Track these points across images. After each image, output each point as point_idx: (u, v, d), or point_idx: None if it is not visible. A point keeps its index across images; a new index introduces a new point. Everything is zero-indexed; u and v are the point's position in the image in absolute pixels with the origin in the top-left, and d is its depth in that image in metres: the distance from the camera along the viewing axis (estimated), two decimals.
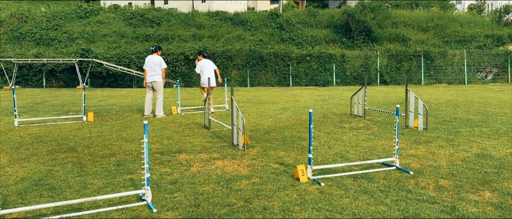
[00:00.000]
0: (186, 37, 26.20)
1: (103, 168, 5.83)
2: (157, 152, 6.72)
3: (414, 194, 4.63)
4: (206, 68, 11.33)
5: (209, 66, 11.38)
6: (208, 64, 11.40)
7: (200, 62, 11.48)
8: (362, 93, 10.28)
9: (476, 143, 7.10)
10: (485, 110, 11.30)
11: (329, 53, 24.01)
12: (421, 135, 7.87)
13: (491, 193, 4.65)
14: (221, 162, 6.05)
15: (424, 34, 26.05)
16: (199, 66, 11.42)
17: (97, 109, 12.21)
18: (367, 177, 5.27)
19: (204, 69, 11.33)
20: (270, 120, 9.91)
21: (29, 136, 8.14)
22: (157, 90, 10.61)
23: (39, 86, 23.50)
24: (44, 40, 25.95)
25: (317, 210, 4.18)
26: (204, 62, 11.39)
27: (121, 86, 23.44)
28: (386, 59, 24.11)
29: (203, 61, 11.44)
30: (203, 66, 11.35)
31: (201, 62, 11.43)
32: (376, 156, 6.30)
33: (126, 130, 8.74)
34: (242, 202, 4.42)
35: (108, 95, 16.97)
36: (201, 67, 11.37)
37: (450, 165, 5.77)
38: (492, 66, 24.22)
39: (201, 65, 11.39)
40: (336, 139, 7.65)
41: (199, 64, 11.45)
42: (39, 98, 15.85)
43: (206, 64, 11.38)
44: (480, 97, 14.67)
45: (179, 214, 4.11)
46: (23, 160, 6.30)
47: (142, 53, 23.71)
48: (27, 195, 4.71)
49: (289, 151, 6.70)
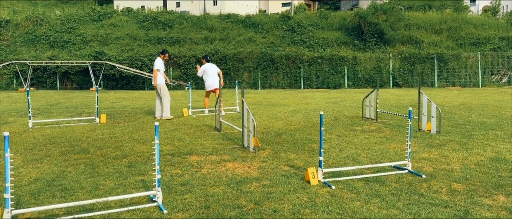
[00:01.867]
0: (198, 39, 26.34)
1: (115, 169, 5.87)
2: (168, 153, 6.75)
3: (427, 198, 4.57)
4: (210, 72, 11.34)
5: (212, 70, 11.39)
6: (211, 67, 11.41)
7: (203, 66, 11.49)
8: (374, 95, 10.20)
9: (490, 147, 6.99)
10: (500, 113, 11.13)
11: (341, 56, 23.91)
12: (434, 138, 7.78)
13: (506, 198, 4.57)
14: (231, 164, 6.06)
15: (438, 37, 25.77)
16: (201, 70, 11.42)
17: (109, 111, 12.33)
18: (378, 180, 5.22)
19: (208, 72, 11.33)
20: (281, 122, 9.89)
21: (43, 137, 8.25)
22: (158, 92, 10.71)
23: (53, 88, 23.82)
24: (58, 43, 26.33)
25: (328, 213, 4.16)
26: (208, 66, 11.39)
27: (134, 88, 23.65)
28: (399, 61, 23.91)
29: (207, 65, 11.44)
30: (206, 70, 11.35)
31: (204, 66, 11.44)
32: (388, 159, 6.25)
33: (138, 132, 8.80)
34: (252, 205, 4.42)
35: (120, 97, 17.12)
36: (203, 71, 11.38)
37: (463, 169, 5.69)
38: (507, 69, 23.85)
39: (203, 69, 11.39)
40: (347, 141, 7.60)
41: (201, 69, 11.45)
42: (53, 100, 16.07)
43: (210, 67, 11.38)
44: (494, 100, 14.45)
45: (189, 216, 4.12)
46: (37, 161, 6.39)
47: (154, 56, 23.87)
48: (40, 196, 4.76)
49: (300, 154, 6.67)
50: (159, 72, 10.61)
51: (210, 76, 11.34)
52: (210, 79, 11.35)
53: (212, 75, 11.36)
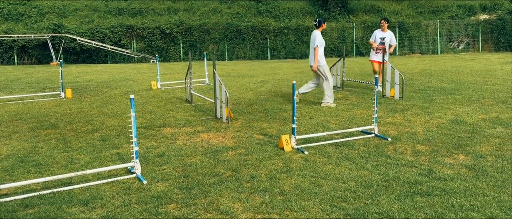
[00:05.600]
0: (161, 10, 25.68)
1: (88, 143, 5.84)
2: (141, 126, 6.75)
3: (393, 159, 4.87)
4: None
5: None
6: None
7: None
8: (340, 64, 10.46)
9: (450, 110, 7.41)
10: (458, 78, 11.70)
11: (306, 26, 24.06)
12: (398, 104, 8.14)
13: (465, 156, 4.93)
14: (206, 135, 6.15)
15: (399, 5, 26.33)
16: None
17: (74, 85, 12.03)
18: (348, 145, 5.48)
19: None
20: (251, 93, 10.01)
21: (8, 114, 8.01)
22: (322, 74, 8.32)
23: (10, 63, 22.78)
24: (13, 16, 24.99)
25: (303, 177, 4.36)
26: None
27: (96, 62, 22.98)
28: (362, 30, 24.35)
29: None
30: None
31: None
32: (356, 125, 6.52)
33: (106, 106, 8.69)
34: (230, 172, 4.56)
35: (83, 72, 16.65)
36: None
37: (426, 131, 6.04)
38: (464, 36, 24.82)
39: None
40: (316, 109, 7.83)
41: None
42: (12, 75, 15.44)
43: None
44: (452, 66, 15.12)
45: (169, 185, 4.22)
46: (5, 137, 6.24)
47: (116, 27, 23.19)
48: (14, 172, 4.71)
49: (272, 122, 6.84)
50: (320, 49, 8.43)
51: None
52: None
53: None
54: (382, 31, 9.81)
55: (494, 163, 4.67)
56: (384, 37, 9.73)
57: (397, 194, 3.86)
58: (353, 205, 3.65)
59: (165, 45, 23.60)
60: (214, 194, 3.97)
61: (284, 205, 3.69)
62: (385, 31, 9.78)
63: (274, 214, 3.53)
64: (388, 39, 9.71)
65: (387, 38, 9.71)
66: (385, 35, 9.74)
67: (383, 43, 9.70)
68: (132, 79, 13.55)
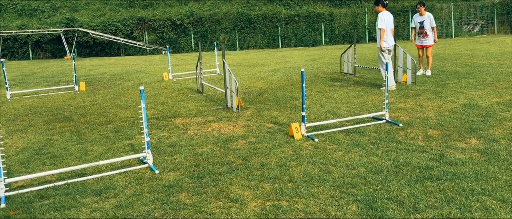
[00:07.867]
0: (171, 2, 25.73)
1: (101, 135, 5.94)
2: (153, 117, 6.83)
3: (404, 145, 4.84)
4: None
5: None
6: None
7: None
8: (351, 51, 10.37)
9: (463, 94, 7.31)
10: (472, 61, 11.50)
11: (317, 13, 23.85)
12: (410, 89, 8.06)
13: (477, 140, 4.88)
14: (217, 124, 6.19)
15: None
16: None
17: (87, 79, 12.18)
18: (358, 131, 5.46)
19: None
20: (261, 82, 10.01)
21: (23, 108, 8.17)
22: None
23: (25, 58, 23.15)
24: (26, 11, 25.34)
25: (312, 164, 4.38)
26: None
27: (109, 55, 23.20)
28: (374, 16, 24.00)
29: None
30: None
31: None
32: (367, 111, 6.49)
33: (119, 98, 8.80)
34: (240, 160, 4.60)
35: (97, 65, 16.84)
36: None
37: (438, 116, 5.98)
38: (479, 18, 24.31)
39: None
40: (327, 97, 7.81)
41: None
42: (27, 70, 15.70)
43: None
44: (467, 50, 14.86)
45: (181, 174, 4.28)
46: (21, 131, 6.38)
47: (128, 20, 23.33)
48: (30, 164, 4.82)
49: (282, 111, 6.85)
50: (384, 31, 8.03)
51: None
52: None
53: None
54: (420, 15, 9.88)
55: (507, 146, 4.61)
56: (423, 21, 9.78)
57: (407, 179, 3.85)
58: (362, 191, 3.65)
59: (176, 36, 23.67)
60: (224, 182, 4.01)
61: (293, 192, 3.71)
62: (423, 14, 9.84)
63: (284, 201, 3.56)
64: (427, 23, 9.75)
65: (426, 21, 9.75)
66: (423, 18, 9.80)
67: (423, 26, 9.75)
68: (144, 71, 13.66)
